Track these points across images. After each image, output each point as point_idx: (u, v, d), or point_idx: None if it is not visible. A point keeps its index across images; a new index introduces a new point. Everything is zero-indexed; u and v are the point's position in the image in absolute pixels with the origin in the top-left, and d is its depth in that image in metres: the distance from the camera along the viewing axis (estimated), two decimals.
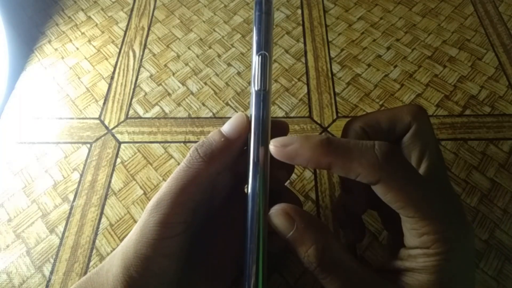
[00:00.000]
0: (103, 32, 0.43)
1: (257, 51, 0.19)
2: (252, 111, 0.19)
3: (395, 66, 0.39)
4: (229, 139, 0.19)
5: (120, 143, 0.35)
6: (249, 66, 0.40)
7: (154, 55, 0.41)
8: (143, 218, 0.19)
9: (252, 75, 0.20)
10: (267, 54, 0.19)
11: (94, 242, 0.30)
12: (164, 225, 0.18)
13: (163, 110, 0.37)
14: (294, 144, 0.17)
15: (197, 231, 0.21)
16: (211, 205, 0.22)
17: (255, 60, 0.19)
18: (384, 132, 0.22)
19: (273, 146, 0.18)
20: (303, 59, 0.40)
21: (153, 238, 0.18)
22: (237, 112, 0.37)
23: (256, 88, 0.19)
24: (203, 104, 0.37)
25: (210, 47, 0.42)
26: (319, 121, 0.35)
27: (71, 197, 0.32)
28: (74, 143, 0.35)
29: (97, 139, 0.35)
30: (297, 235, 0.18)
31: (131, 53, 0.41)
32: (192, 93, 0.38)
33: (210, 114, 0.37)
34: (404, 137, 0.22)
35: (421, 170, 0.21)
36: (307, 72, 0.39)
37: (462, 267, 0.17)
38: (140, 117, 0.37)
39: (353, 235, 0.27)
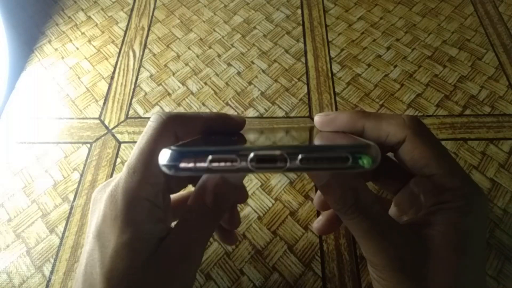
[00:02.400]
0: (103, 32, 0.43)
1: None
2: None
3: (395, 66, 0.39)
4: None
5: (120, 143, 0.35)
6: (249, 66, 0.40)
7: (154, 55, 0.41)
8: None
9: None
10: None
11: None
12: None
13: (163, 110, 0.37)
14: (335, 113, 0.21)
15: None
16: None
17: None
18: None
19: (317, 116, 0.21)
20: (303, 59, 0.40)
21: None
22: (237, 112, 0.37)
23: None
24: (203, 104, 0.37)
25: (210, 47, 0.42)
26: None
27: (71, 197, 0.32)
28: (74, 143, 0.35)
29: (97, 139, 0.35)
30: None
31: (131, 53, 0.41)
32: (192, 93, 0.38)
33: None
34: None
35: None
36: (307, 72, 0.39)
37: (478, 223, 0.18)
38: (140, 117, 0.37)
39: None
